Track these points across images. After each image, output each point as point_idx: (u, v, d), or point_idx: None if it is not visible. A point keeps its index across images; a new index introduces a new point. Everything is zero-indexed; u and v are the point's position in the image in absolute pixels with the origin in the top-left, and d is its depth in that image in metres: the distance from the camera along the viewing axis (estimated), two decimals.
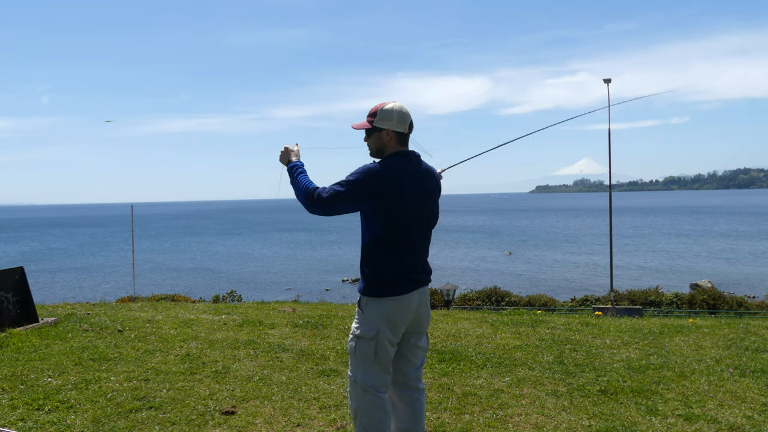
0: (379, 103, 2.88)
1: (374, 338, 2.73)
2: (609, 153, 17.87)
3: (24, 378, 4.39)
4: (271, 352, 5.29)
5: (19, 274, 6.33)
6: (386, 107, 2.82)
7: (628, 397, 4.04)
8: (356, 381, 2.78)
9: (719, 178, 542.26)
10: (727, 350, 5.35)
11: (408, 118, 2.84)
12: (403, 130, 2.83)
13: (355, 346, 2.78)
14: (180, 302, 11.50)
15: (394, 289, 2.74)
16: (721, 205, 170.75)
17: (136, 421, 3.59)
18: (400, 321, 2.78)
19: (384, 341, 2.74)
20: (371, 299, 2.76)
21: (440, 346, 5.50)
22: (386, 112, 2.81)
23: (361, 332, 2.76)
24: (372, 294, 2.76)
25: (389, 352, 2.77)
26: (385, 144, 2.84)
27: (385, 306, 2.74)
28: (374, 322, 2.74)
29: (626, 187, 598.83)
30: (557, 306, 20.45)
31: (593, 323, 6.76)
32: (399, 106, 2.84)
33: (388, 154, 2.84)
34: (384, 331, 2.74)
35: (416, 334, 2.91)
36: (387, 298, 2.74)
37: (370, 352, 2.74)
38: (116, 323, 6.52)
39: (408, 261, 2.78)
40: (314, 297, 28.85)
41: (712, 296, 19.49)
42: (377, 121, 2.82)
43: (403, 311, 2.77)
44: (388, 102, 2.85)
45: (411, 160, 2.84)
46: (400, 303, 2.75)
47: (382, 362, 2.76)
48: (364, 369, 2.76)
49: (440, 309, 13.79)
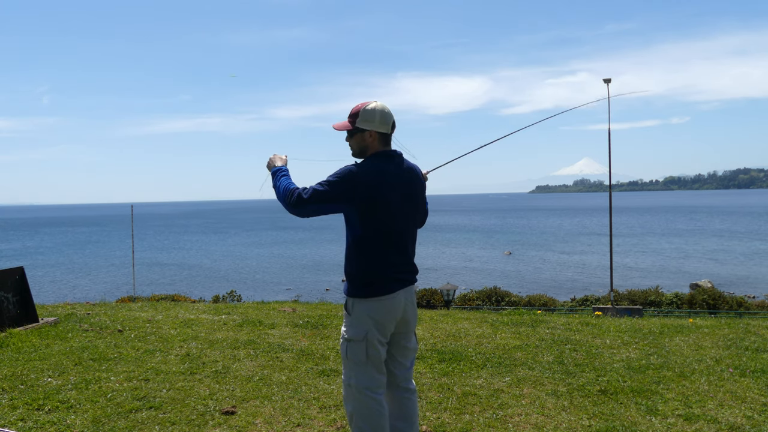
0: (360, 102, 2.82)
1: (364, 339, 2.71)
2: (609, 153, 17.87)
3: (24, 378, 4.39)
4: (271, 352, 5.29)
5: (19, 274, 6.33)
6: (368, 107, 2.77)
7: (628, 397, 4.04)
8: (351, 384, 2.75)
9: (719, 178, 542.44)
10: (727, 350, 5.35)
11: (390, 119, 2.80)
12: (385, 131, 2.79)
13: (346, 349, 2.76)
14: (180, 302, 11.50)
15: (379, 289, 2.72)
16: (721, 205, 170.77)
17: (136, 421, 3.59)
18: (388, 321, 2.76)
19: (374, 341, 2.72)
20: (357, 300, 2.74)
21: (440, 346, 5.50)
22: (368, 113, 2.76)
23: (351, 335, 2.74)
24: (358, 295, 2.74)
25: (380, 352, 2.76)
26: (367, 145, 2.80)
27: (371, 306, 2.72)
28: (362, 323, 2.73)
29: (626, 187, 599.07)
30: (557, 306, 20.44)
31: (593, 323, 6.77)
32: (381, 105, 2.79)
33: (370, 154, 2.81)
34: (372, 331, 2.72)
35: (404, 335, 2.89)
36: (373, 299, 2.72)
37: (361, 354, 2.72)
38: (116, 323, 6.52)
39: (392, 261, 2.77)
40: (314, 297, 28.87)
41: (712, 296, 19.48)
42: (359, 122, 2.78)
43: (390, 311, 2.75)
44: (370, 102, 2.80)
45: (394, 160, 2.81)
46: (386, 303, 2.74)
47: (375, 363, 2.74)
48: (358, 371, 2.74)
49: (440, 309, 13.80)
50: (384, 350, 2.79)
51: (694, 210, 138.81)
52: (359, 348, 2.72)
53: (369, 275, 2.73)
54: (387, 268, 2.75)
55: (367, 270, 2.73)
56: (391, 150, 2.84)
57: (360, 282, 2.74)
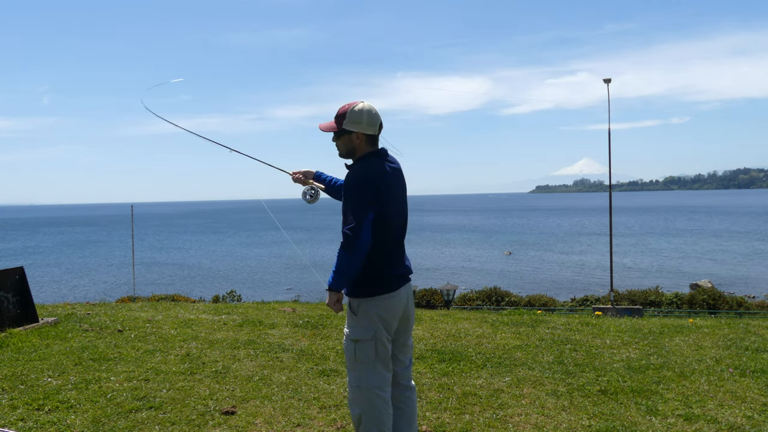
0: (347, 103, 2.78)
1: (372, 339, 2.72)
2: (609, 153, 17.88)
3: (24, 378, 4.39)
4: (271, 352, 5.29)
5: (19, 274, 6.33)
6: (356, 108, 2.74)
7: (628, 397, 4.04)
8: (360, 386, 2.73)
9: (719, 178, 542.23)
10: (727, 350, 5.35)
11: (378, 120, 2.77)
12: (373, 132, 2.77)
13: (355, 349, 2.74)
14: (180, 302, 11.50)
15: (385, 287, 2.74)
16: (721, 205, 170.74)
17: (136, 421, 3.59)
18: (393, 318, 2.78)
19: (382, 339, 2.74)
20: (363, 300, 2.74)
21: (440, 346, 5.50)
22: (356, 114, 2.73)
23: (359, 335, 2.74)
24: (364, 295, 2.74)
25: (388, 349, 2.77)
26: (355, 147, 2.78)
27: (379, 305, 2.73)
28: (370, 322, 2.73)
29: (626, 187, 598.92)
30: (557, 306, 20.44)
31: (593, 323, 6.77)
32: (369, 106, 2.75)
33: (361, 155, 2.79)
34: (380, 330, 2.73)
35: (405, 332, 2.91)
36: (378, 297, 2.73)
37: (370, 353, 2.72)
38: (116, 323, 6.52)
39: (396, 258, 2.79)
40: (314, 297, 28.84)
41: (712, 296, 19.48)
42: (346, 124, 2.74)
43: (395, 309, 2.77)
44: (357, 102, 2.76)
45: (387, 158, 2.83)
46: (392, 301, 2.76)
47: (384, 360, 2.75)
48: (368, 371, 2.73)
49: (440, 309, 13.79)
50: (390, 347, 2.80)
51: (693, 210, 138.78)
52: (368, 347, 2.72)
53: (376, 274, 2.74)
54: (392, 265, 2.77)
55: (373, 269, 2.73)
56: (380, 149, 2.84)
57: (367, 281, 2.73)
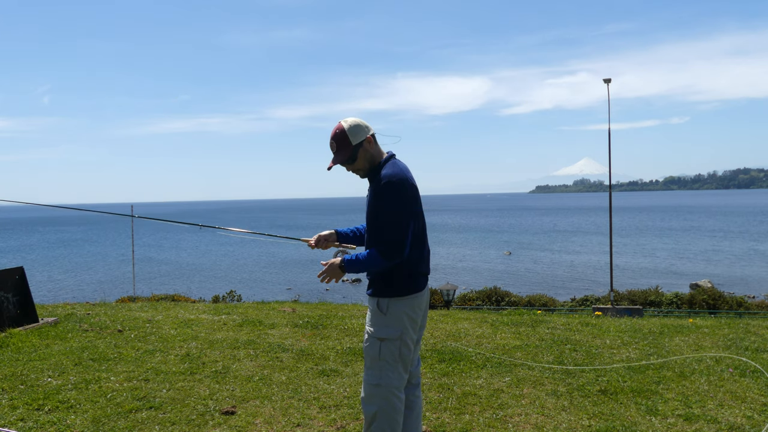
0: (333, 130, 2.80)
1: (399, 338, 2.72)
2: (609, 153, 17.89)
3: (24, 378, 4.39)
4: (271, 352, 5.29)
5: (19, 274, 6.33)
6: (347, 124, 2.77)
7: (628, 397, 4.04)
8: (380, 384, 2.72)
9: (719, 178, 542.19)
10: (727, 350, 5.35)
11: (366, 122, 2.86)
12: (373, 130, 2.84)
13: (380, 348, 2.73)
14: (180, 302, 11.50)
15: (414, 286, 2.75)
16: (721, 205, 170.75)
17: (136, 421, 3.59)
18: (418, 317, 2.81)
19: (407, 340, 2.75)
20: (393, 300, 2.73)
21: (440, 346, 5.50)
22: (352, 127, 2.77)
23: (386, 334, 2.72)
24: (393, 294, 2.73)
25: (411, 350, 2.79)
26: (372, 153, 2.81)
27: (409, 304, 2.74)
28: (398, 322, 2.73)
29: (626, 187, 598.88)
30: (557, 306, 20.43)
31: (593, 323, 6.77)
32: (352, 118, 2.82)
33: (380, 161, 2.81)
34: (408, 330, 2.74)
35: (421, 330, 2.93)
36: (408, 297, 2.74)
37: (395, 352, 2.72)
38: (116, 323, 6.52)
39: (423, 256, 2.82)
40: (314, 297, 28.84)
41: (712, 296, 19.48)
42: (353, 139, 2.76)
43: (421, 307, 2.81)
44: (342, 121, 2.80)
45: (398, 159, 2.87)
46: (419, 299, 2.78)
47: (404, 362, 2.76)
48: (390, 371, 2.73)
49: (440, 309, 13.79)
50: (413, 347, 2.81)
51: (693, 210, 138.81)
52: (394, 347, 2.72)
53: (407, 274, 2.74)
54: (420, 264, 2.79)
55: (406, 269, 2.74)
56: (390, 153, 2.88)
57: (397, 281, 2.73)
